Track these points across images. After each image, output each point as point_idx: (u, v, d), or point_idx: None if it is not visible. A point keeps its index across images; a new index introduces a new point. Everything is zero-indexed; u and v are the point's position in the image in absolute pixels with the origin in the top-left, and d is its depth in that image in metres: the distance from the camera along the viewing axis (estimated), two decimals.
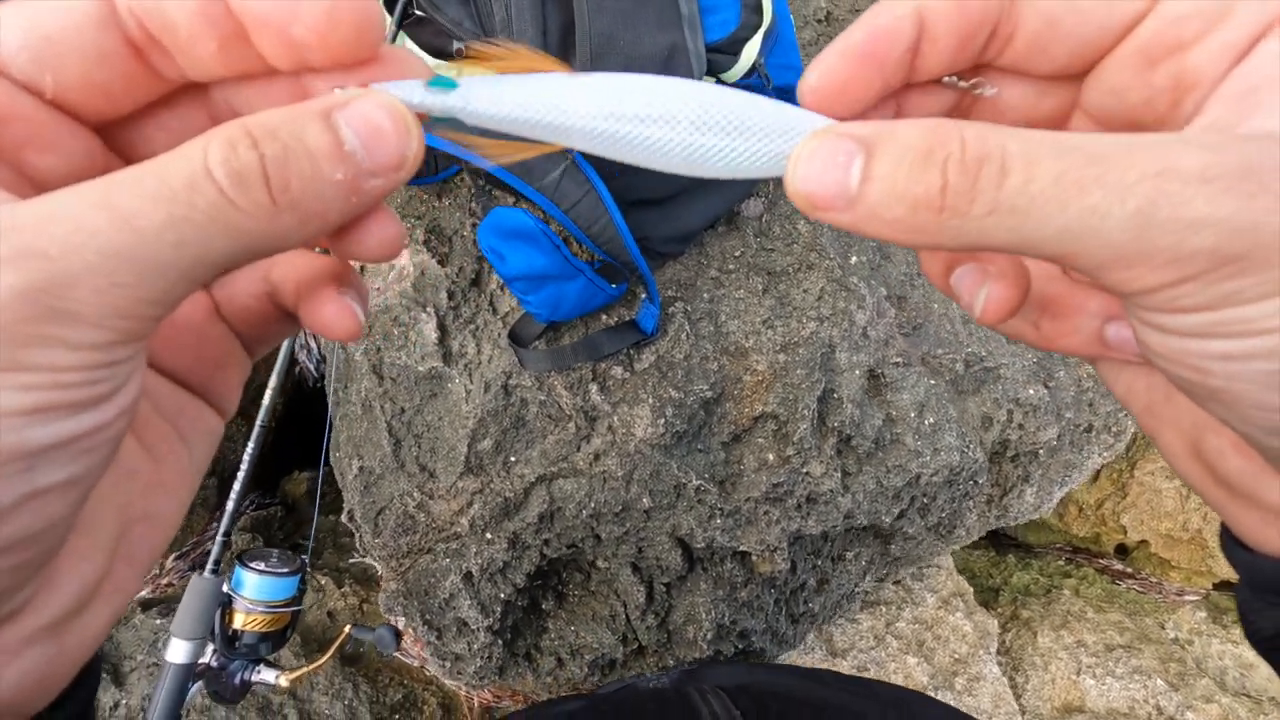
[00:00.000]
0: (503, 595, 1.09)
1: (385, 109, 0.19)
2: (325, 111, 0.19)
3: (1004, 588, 2.24)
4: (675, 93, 0.23)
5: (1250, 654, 1.87)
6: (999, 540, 2.42)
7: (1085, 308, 0.26)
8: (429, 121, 0.22)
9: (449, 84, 0.22)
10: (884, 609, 1.77)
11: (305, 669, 0.93)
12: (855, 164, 0.20)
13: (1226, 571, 2.07)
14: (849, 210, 0.20)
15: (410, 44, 0.85)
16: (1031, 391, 1.23)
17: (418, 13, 0.85)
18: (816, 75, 0.23)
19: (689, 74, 0.81)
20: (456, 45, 0.86)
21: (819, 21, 1.35)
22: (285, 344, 0.87)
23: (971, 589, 1.92)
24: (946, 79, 0.25)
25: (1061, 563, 2.32)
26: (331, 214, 0.19)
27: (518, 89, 0.22)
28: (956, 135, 0.19)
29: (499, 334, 1.02)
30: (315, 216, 0.19)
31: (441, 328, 1.03)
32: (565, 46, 0.80)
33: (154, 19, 0.20)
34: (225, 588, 0.87)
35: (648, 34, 0.78)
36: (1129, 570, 2.26)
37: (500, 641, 1.11)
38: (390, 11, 0.84)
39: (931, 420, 1.12)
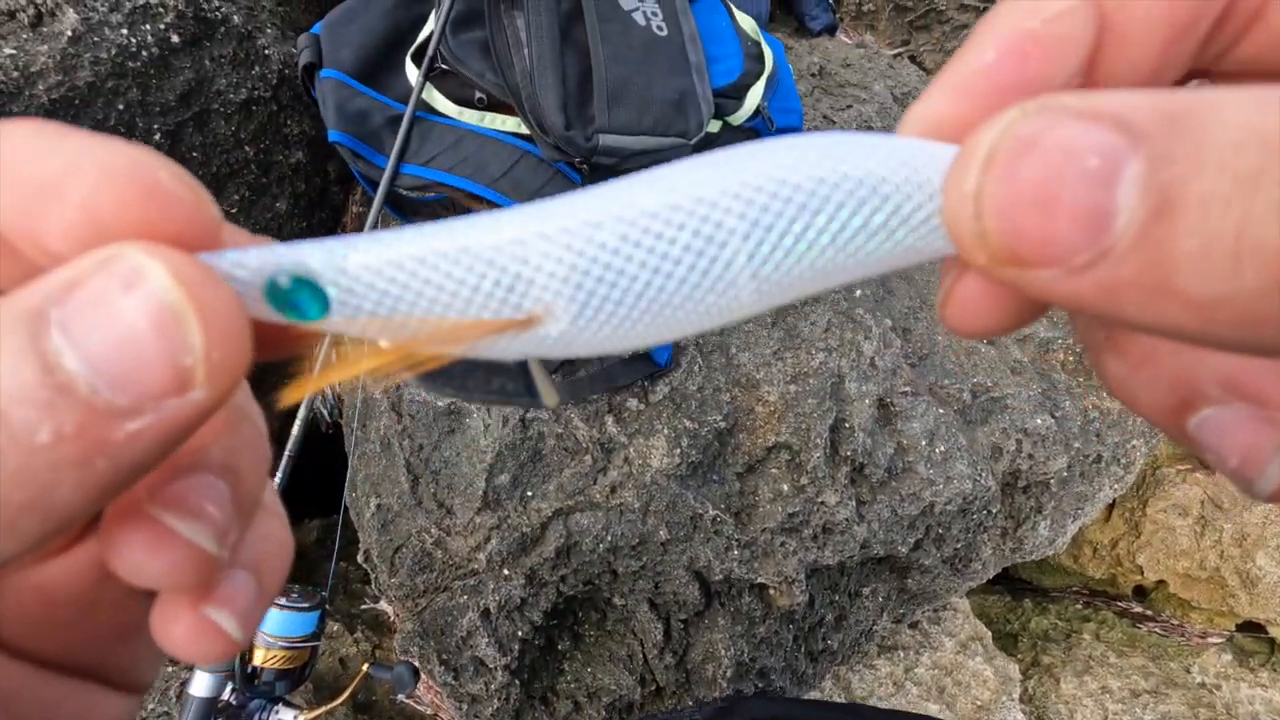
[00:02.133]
0: (520, 633, 1.08)
1: (133, 286, 0.12)
2: (31, 314, 0.11)
3: (1022, 633, 2.20)
4: (708, 171, 0.14)
5: None
6: (1014, 584, 2.39)
7: None
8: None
9: (306, 294, 0.14)
10: (901, 654, 1.73)
11: (322, 709, 0.91)
12: (1127, 175, 0.11)
13: (1250, 611, 2.04)
14: (1096, 269, 0.11)
15: (438, 96, 0.91)
16: (1039, 421, 1.25)
17: (442, 66, 0.91)
18: (916, 132, 0.15)
19: (698, 117, 0.86)
20: (479, 96, 0.92)
21: (813, 75, 1.43)
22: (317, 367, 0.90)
23: (990, 633, 1.88)
24: None
25: (1079, 606, 2.29)
26: (61, 499, 0.12)
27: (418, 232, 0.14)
28: None
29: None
30: (23, 512, 0.11)
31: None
32: (583, 93, 0.85)
33: None
34: None
35: (659, 80, 0.84)
36: (1149, 612, 2.22)
37: (518, 682, 1.10)
38: (418, 65, 0.90)
39: (942, 449, 1.13)
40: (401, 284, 0.14)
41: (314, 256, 0.13)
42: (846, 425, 1.09)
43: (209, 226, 0.13)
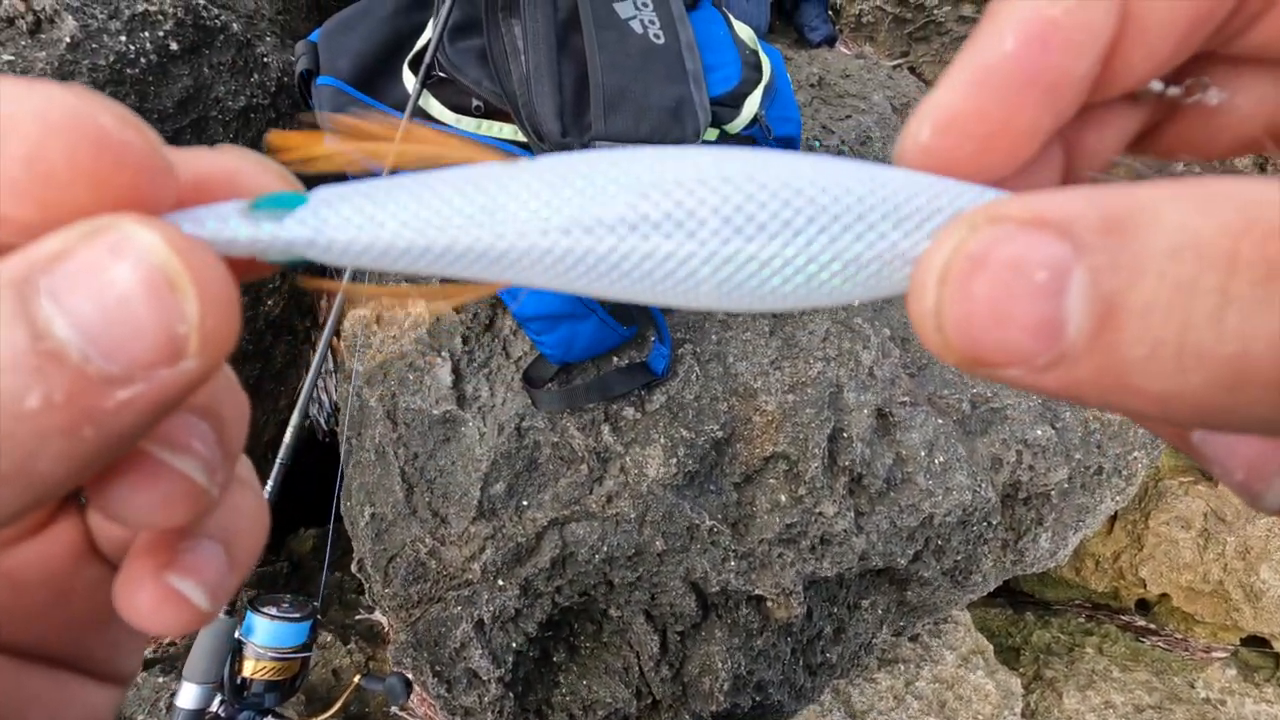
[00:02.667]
0: (514, 645, 1.07)
1: (126, 255, 0.11)
2: (17, 282, 0.11)
3: (1024, 647, 2.18)
4: (689, 166, 0.14)
5: None
6: (1016, 597, 2.37)
7: None
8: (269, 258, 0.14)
9: (288, 201, 0.13)
10: (902, 667, 1.71)
11: None
12: (1073, 286, 0.11)
13: (1254, 625, 2.02)
14: (1056, 370, 0.12)
15: (435, 103, 0.91)
16: (1039, 432, 1.24)
17: (440, 74, 0.91)
18: (931, 126, 0.14)
19: (695, 124, 0.86)
20: (476, 103, 0.92)
21: (812, 86, 1.43)
22: (306, 383, 0.89)
23: (991, 646, 1.87)
24: (1139, 90, 0.16)
25: (1082, 620, 2.27)
26: (45, 468, 0.11)
27: (406, 197, 0.14)
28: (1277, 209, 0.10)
29: (512, 377, 1.04)
30: (5, 480, 0.11)
31: (456, 372, 1.05)
32: (580, 101, 0.85)
33: None
34: (236, 633, 0.86)
35: (656, 87, 0.84)
36: (1152, 626, 2.20)
37: (511, 694, 1.08)
38: (415, 73, 0.90)
39: (941, 459, 1.13)
40: (375, 259, 0.14)
41: (294, 233, 0.13)
42: (845, 435, 1.08)
43: (162, 172, 0.13)
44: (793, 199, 0.13)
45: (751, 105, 0.94)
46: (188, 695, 0.76)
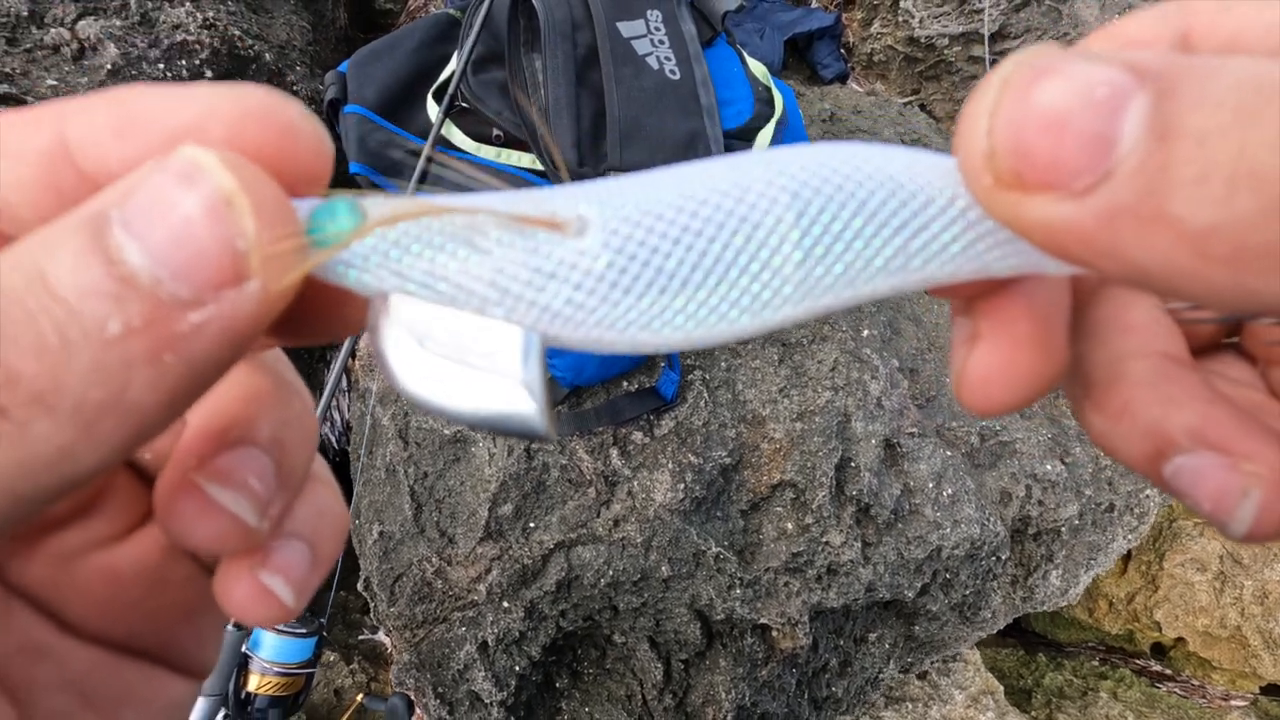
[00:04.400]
0: (518, 668, 1.06)
1: (187, 178, 0.12)
2: (92, 216, 0.12)
3: (1036, 689, 2.14)
4: (738, 160, 0.15)
5: None
6: (1028, 637, 2.33)
7: None
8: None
9: (342, 210, 0.13)
10: (910, 706, 1.68)
11: None
12: (1132, 107, 0.11)
13: (1274, 674, 1.96)
14: (1095, 194, 0.11)
15: (457, 132, 0.94)
16: (1049, 467, 1.24)
17: (462, 104, 0.95)
18: (973, 394, 0.16)
19: (709, 156, 0.88)
20: (496, 133, 0.95)
21: (824, 120, 1.46)
22: (325, 394, 0.91)
23: (1001, 687, 1.83)
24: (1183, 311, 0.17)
25: (1096, 663, 2.22)
26: (136, 397, 0.12)
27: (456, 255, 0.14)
28: None
29: None
30: (103, 411, 0.11)
31: None
32: (597, 132, 0.88)
33: None
34: (243, 647, 0.86)
35: (671, 120, 0.87)
36: (1168, 671, 2.15)
37: (513, 718, 1.08)
38: (439, 102, 0.94)
39: (950, 491, 1.12)
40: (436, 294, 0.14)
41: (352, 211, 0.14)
42: (852, 465, 1.08)
43: (328, 161, 0.14)
44: (849, 164, 0.14)
45: (764, 139, 0.96)
46: (196, 707, 0.76)
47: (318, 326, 0.16)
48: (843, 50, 1.83)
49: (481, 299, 0.14)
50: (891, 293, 0.15)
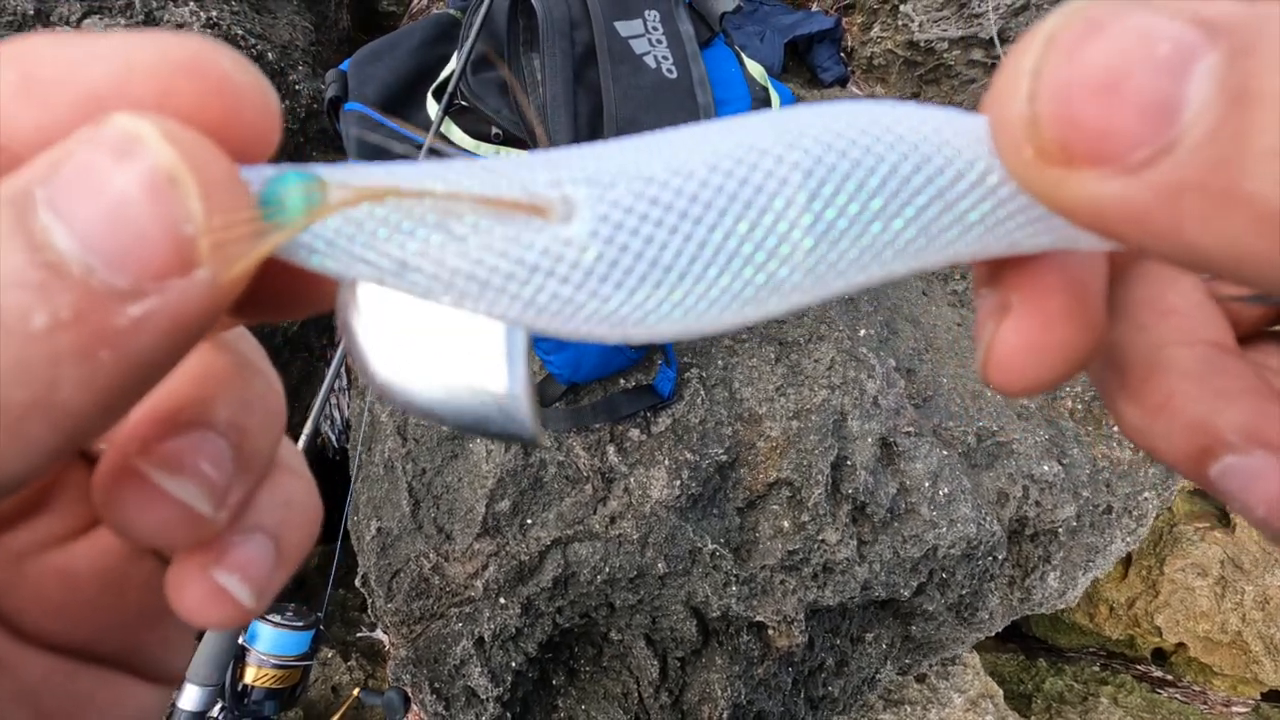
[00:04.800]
0: (514, 664, 1.07)
1: (123, 152, 0.11)
2: (15, 195, 0.11)
3: (1037, 694, 2.13)
4: (760, 122, 0.13)
5: None
6: (1028, 642, 2.32)
7: None
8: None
9: (298, 185, 0.12)
10: (909, 709, 1.68)
11: None
12: (1200, 67, 0.10)
13: (1275, 680, 1.95)
14: (1155, 168, 0.10)
15: (456, 130, 0.95)
16: (1046, 468, 1.24)
17: (462, 103, 0.95)
18: (1002, 371, 0.15)
19: None
20: (495, 131, 0.96)
21: None
22: (320, 397, 0.92)
23: (1001, 691, 1.82)
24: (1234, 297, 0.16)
25: (1096, 668, 2.21)
26: (66, 397, 0.10)
27: (435, 170, 0.13)
28: None
29: None
30: (29, 413, 0.10)
31: None
32: (594, 129, 0.89)
33: None
34: (240, 639, 0.87)
35: (667, 118, 0.87)
36: (1169, 677, 2.14)
37: (509, 715, 1.08)
38: (438, 101, 0.95)
39: (946, 491, 1.12)
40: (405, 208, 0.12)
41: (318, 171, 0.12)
42: (849, 463, 1.08)
43: (276, 118, 0.12)
44: (871, 123, 0.13)
45: None
46: (190, 696, 0.77)
47: (283, 304, 0.14)
48: (843, 54, 1.84)
49: (459, 292, 0.12)
50: (909, 274, 0.14)
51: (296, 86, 1.13)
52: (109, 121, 0.11)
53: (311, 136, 1.15)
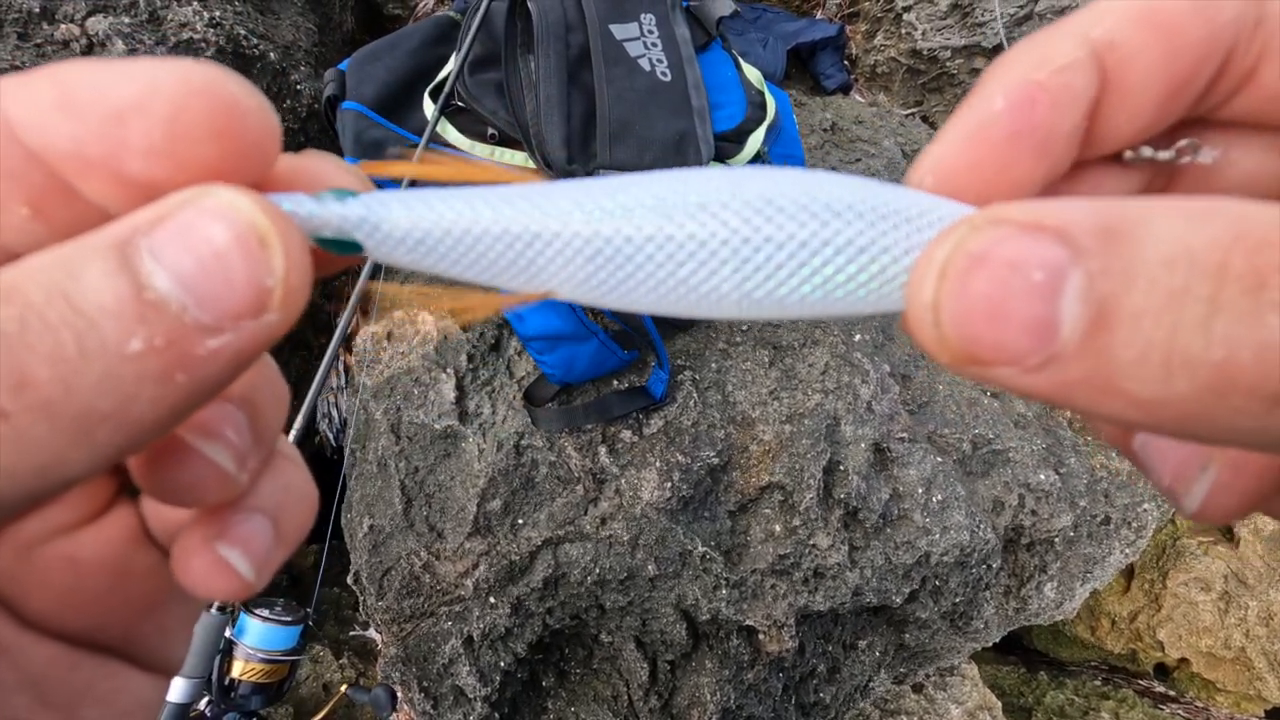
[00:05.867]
0: (503, 664, 1.07)
1: (222, 217, 0.13)
2: (120, 242, 0.12)
3: (1037, 707, 2.11)
4: (711, 176, 0.15)
5: None
6: (1029, 655, 2.30)
7: None
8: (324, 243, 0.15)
9: (353, 194, 0.15)
10: (905, 719, 1.67)
11: None
12: (1069, 289, 0.12)
13: (1279, 697, 1.93)
14: (1047, 370, 0.12)
15: (452, 130, 0.96)
16: (1043, 476, 1.23)
17: (458, 103, 0.96)
18: (934, 177, 0.16)
19: (698, 157, 0.90)
20: (491, 131, 0.96)
21: (825, 130, 1.47)
22: (311, 392, 0.92)
23: (1000, 703, 1.81)
24: (1130, 154, 0.17)
25: (1098, 682, 2.18)
26: (139, 411, 0.12)
27: (457, 194, 0.15)
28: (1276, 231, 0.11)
29: (514, 396, 1.07)
30: (104, 421, 0.12)
31: (459, 388, 1.08)
32: (587, 132, 0.89)
33: None
34: (227, 633, 0.87)
35: (661, 121, 0.88)
36: (1171, 693, 2.11)
37: (498, 715, 1.08)
38: (435, 101, 0.95)
39: (939, 498, 1.12)
40: (427, 248, 0.15)
41: (353, 211, 0.15)
42: (841, 468, 1.08)
43: (276, 138, 0.14)
44: (812, 197, 0.15)
45: (755, 142, 0.97)
46: (175, 688, 0.77)
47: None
48: (846, 62, 1.84)
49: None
50: (834, 319, 0.16)
51: (298, 86, 1.14)
52: (211, 191, 0.13)
53: (312, 136, 1.16)
